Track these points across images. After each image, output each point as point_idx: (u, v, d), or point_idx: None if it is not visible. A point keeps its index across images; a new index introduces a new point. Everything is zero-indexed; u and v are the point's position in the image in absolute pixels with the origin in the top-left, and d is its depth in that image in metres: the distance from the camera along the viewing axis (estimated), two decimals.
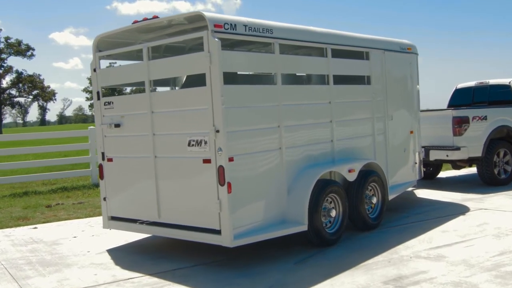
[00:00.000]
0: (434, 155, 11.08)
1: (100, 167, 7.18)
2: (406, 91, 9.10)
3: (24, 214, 10.14)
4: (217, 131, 5.76)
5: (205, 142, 5.91)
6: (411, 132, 9.20)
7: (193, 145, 6.04)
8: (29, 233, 8.42)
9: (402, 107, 8.97)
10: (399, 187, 8.72)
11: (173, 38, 6.23)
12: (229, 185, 5.76)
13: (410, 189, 10.89)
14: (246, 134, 6.07)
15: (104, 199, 7.18)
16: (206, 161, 5.92)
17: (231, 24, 5.94)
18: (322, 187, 6.64)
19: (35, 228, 8.85)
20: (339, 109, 7.48)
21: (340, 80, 8.95)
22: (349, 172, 7.17)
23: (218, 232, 5.89)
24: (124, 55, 7.09)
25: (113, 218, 7.11)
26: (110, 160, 7.08)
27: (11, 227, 9.04)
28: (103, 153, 7.14)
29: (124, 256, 6.79)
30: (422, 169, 9.80)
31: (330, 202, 6.91)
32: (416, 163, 9.28)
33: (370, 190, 7.71)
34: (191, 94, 6.12)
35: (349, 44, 7.74)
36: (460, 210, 8.76)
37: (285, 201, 6.54)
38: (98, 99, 7.10)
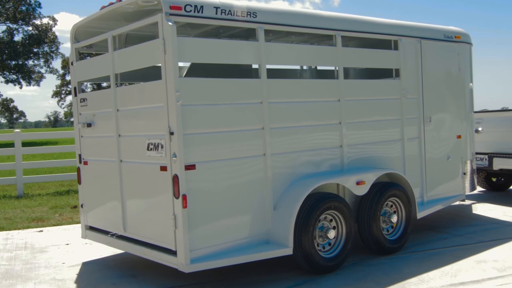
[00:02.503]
0: (499, 164, 9.41)
1: (78, 170, 6.48)
2: (452, 87, 7.62)
3: (44, 214, 9.77)
4: (171, 133, 4.82)
5: (162, 146, 4.99)
6: (459, 136, 7.69)
7: (151, 149, 5.15)
8: (28, 237, 7.96)
9: (446, 107, 7.51)
10: (438, 202, 7.28)
11: (131, 25, 5.35)
12: (184, 198, 4.79)
13: (467, 203, 9.32)
14: (214, 137, 5.07)
15: (82, 206, 6.48)
16: (163, 168, 5.00)
17: (195, 6, 4.96)
18: (316, 203, 5.48)
19: (41, 231, 8.39)
20: (352, 108, 6.25)
21: (360, 74, 7.72)
22: (357, 185, 5.93)
23: (174, 253, 4.96)
24: (100, 46, 6.32)
25: (91, 228, 6.38)
26: (86, 163, 6.36)
27: (19, 228, 8.65)
28: (80, 155, 6.44)
29: (92, 272, 6.04)
30: (476, 180, 8.23)
31: (331, 221, 5.73)
32: (465, 173, 7.76)
33: (391, 206, 6.40)
34: (147, 89, 5.22)
35: (368, 30, 6.46)
36: None
37: (270, 219, 5.46)
38: (75, 95, 6.40)
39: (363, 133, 6.40)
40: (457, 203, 8.26)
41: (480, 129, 9.76)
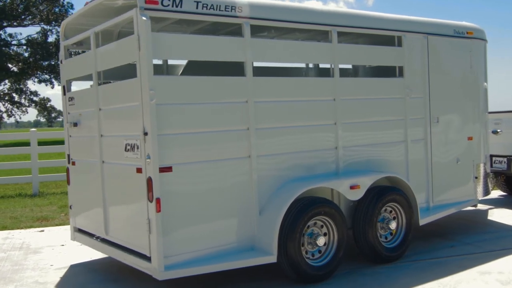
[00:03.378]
0: None
1: (67, 171, 6.34)
2: (463, 86, 7.18)
3: (50, 214, 9.72)
4: (145, 134, 4.60)
5: (137, 147, 4.77)
6: (470, 138, 7.25)
7: (128, 150, 4.94)
8: (28, 237, 7.88)
9: (455, 107, 7.09)
10: (446, 207, 6.87)
11: (110, 21, 5.15)
12: (158, 201, 4.57)
13: (484, 208, 8.85)
14: (193, 138, 4.82)
15: (70, 207, 6.33)
16: (139, 170, 4.78)
17: (173, 0, 4.72)
18: (304, 208, 5.18)
19: (42, 231, 8.31)
20: (350, 108, 5.92)
21: (370, 72, 7.38)
22: (351, 189, 5.59)
23: (149, 258, 4.73)
24: (88, 43, 6.14)
25: (79, 230, 6.23)
26: (73, 163, 6.21)
27: (22, 228, 8.60)
28: (68, 156, 6.29)
29: (76, 275, 5.88)
30: (490, 184, 7.76)
31: (321, 227, 5.42)
32: (476, 177, 7.31)
33: (391, 212, 6.04)
34: (123, 87, 5.02)
35: (367, 26, 6.12)
36: None
37: (255, 224, 5.19)
38: (64, 94, 6.25)
39: (361, 135, 6.06)
40: (470, 208, 7.80)
41: (499, 130, 9.26)
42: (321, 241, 5.30)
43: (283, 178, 5.41)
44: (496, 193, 10.31)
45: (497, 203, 9.45)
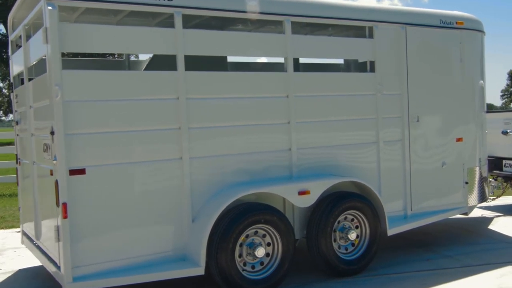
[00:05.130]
0: None
1: (16, 171, 6.09)
2: (451, 82, 6.49)
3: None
4: (52, 133, 4.25)
5: (49, 147, 4.43)
6: (459, 139, 6.55)
7: (45, 150, 4.61)
8: (1, 238, 7.72)
9: (441, 105, 6.41)
10: (427, 215, 6.21)
11: (31, 13, 4.82)
12: (64, 207, 4.20)
13: (491, 215, 8.10)
14: (111, 138, 4.42)
15: (19, 209, 6.08)
16: (51, 172, 4.43)
17: None
18: (239, 216, 4.70)
19: (19, 232, 8.13)
20: (307, 106, 5.39)
21: (326, 66, 6.78)
22: (300, 195, 5.06)
23: (59, 267, 4.39)
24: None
25: (25, 233, 5.96)
26: (20, 163, 5.95)
27: (3, 228, 8.47)
28: (16, 155, 6.04)
29: (17, 281, 5.61)
30: (487, 190, 7.03)
31: (264, 236, 4.93)
32: (467, 182, 6.60)
33: (352, 220, 5.47)
34: (40, 84, 4.67)
35: (329, 15, 5.56)
36: None
37: (187, 232, 4.76)
38: (12, 91, 6.01)
39: (322, 135, 5.51)
40: (472, 215, 7.06)
41: (509, 131, 8.46)
42: (260, 252, 4.81)
43: (222, 183, 4.94)
44: (507, 199, 9.48)
45: (506, 210, 8.64)
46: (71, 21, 5.39)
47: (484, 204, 8.95)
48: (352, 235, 5.35)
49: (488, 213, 8.40)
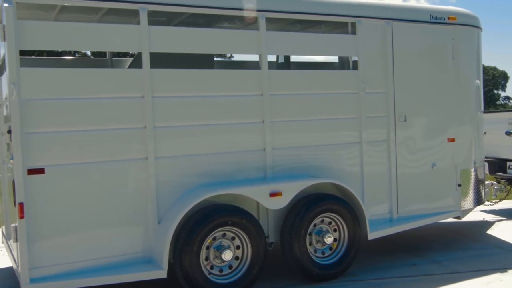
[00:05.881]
0: None
1: None
2: (442, 80, 6.22)
3: None
4: (9, 132, 4.18)
5: (10, 147, 4.37)
6: (451, 140, 6.28)
7: (8, 149, 4.55)
8: None
9: (431, 104, 6.15)
10: (414, 219, 5.97)
11: None
12: (20, 206, 4.13)
13: (494, 219, 7.80)
14: (72, 137, 4.33)
15: None
16: (11, 171, 4.37)
17: None
18: (204, 217, 4.57)
19: None
20: (283, 104, 5.23)
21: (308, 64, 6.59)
22: (272, 197, 4.89)
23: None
24: None
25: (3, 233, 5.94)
26: None
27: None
28: None
29: None
30: (483, 192, 6.73)
31: (233, 239, 4.78)
32: (460, 185, 6.33)
33: (330, 223, 5.28)
34: (2, 83, 4.62)
35: (308, 11, 5.38)
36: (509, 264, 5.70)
37: (153, 234, 4.64)
38: None
39: (300, 135, 5.34)
40: (470, 219, 6.76)
41: None
42: (227, 255, 4.66)
43: (191, 184, 4.81)
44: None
45: (511, 214, 8.29)
46: (52, 19, 5.32)
47: (487, 207, 8.64)
48: (329, 239, 5.16)
49: (490, 217, 8.08)
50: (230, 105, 4.98)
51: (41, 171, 4.23)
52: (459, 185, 6.32)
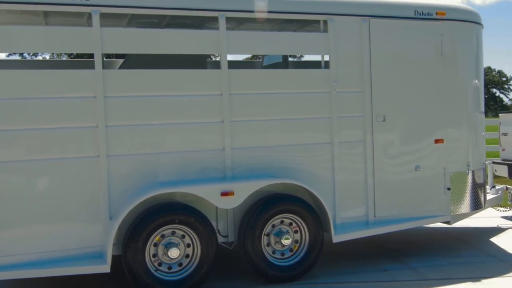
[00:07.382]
0: None
1: None
2: (430, 79, 5.94)
3: None
4: None
5: None
6: (439, 141, 5.99)
7: None
8: None
9: (416, 104, 5.90)
10: (392, 223, 5.74)
11: None
12: None
13: (508, 225, 7.36)
14: (21, 135, 4.54)
15: None
16: None
17: None
18: (150, 215, 4.65)
19: None
20: (244, 104, 5.21)
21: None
22: (223, 196, 4.88)
23: None
24: None
25: None
26: None
27: None
28: None
29: None
30: (482, 196, 6.36)
31: (183, 237, 4.83)
32: (449, 188, 6.02)
33: (291, 224, 5.20)
34: None
35: (272, 10, 5.32)
36: (496, 272, 5.36)
37: (104, 230, 4.78)
38: None
39: (264, 135, 5.29)
40: (484, 224, 6.40)
41: None
42: (173, 253, 4.72)
43: (145, 182, 4.89)
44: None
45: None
46: (21, 23, 5.60)
47: (507, 213, 8.14)
48: (286, 241, 5.08)
49: (506, 224, 7.59)
50: (189, 104, 5.03)
51: None
52: (448, 189, 6.01)
